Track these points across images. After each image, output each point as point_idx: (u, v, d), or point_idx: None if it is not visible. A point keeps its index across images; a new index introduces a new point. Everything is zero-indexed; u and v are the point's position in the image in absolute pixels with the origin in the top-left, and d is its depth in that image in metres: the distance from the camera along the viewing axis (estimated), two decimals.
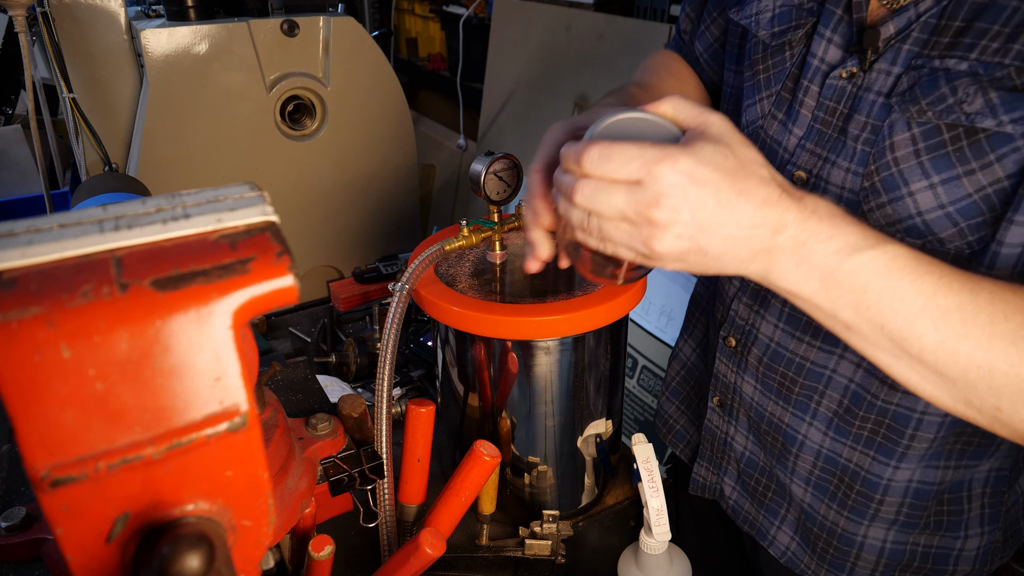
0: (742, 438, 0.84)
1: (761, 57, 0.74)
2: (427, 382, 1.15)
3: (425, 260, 0.78)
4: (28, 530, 0.50)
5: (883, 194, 0.63)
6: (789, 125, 0.71)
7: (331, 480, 0.62)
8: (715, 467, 0.90)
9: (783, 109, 0.72)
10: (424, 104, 3.14)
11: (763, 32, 0.73)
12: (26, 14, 1.38)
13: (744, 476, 0.86)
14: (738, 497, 0.88)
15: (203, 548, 0.31)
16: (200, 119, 1.56)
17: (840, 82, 0.66)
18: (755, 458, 0.84)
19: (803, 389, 0.75)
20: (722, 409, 0.86)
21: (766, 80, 0.74)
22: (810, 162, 0.69)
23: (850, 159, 0.65)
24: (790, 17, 0.71)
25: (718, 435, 0.87)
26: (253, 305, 0.31)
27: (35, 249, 0.29)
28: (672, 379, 1.01)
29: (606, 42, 1.96)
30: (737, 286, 0.80)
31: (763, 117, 0.74)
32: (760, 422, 0.80)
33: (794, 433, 0.77)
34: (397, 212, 1.93)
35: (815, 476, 0.77)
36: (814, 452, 0.76)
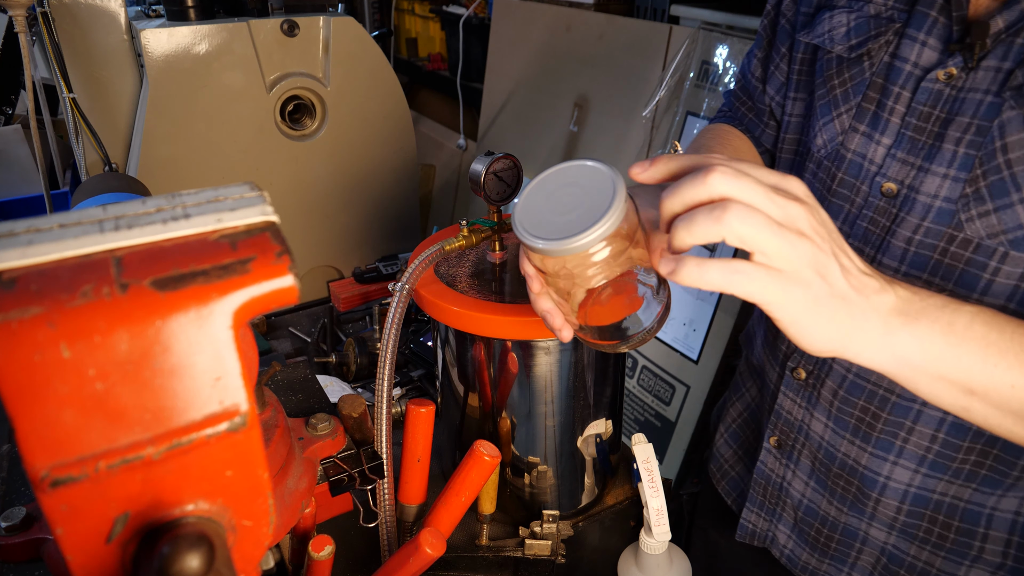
0: (800, 483, 0.79)
1: (836, 72, 0.71)
2: (427, 382, 1.15)
3: (425, 260, 0.78)
4: (28, 530, 0.50)
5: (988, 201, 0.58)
6: (875, 136, 0.68)
7: (331, 480, 0.62)
8: (767, 513, 0.85)
9: (865, 120, 0.69)
10: (424, 104, 3.14)
11: (839, 47, 0.70)
12: (26, 14, 1.38)
13: (802, 524, 0.81)
14: (794, 546, 0.82)
15: (203, 548, 0.31)
16: (200, 119, 1.56)
17: (937, 85, 0.62)
18: (815, 505, 0.78)
19: (887, 425, 0.69)
20: (780, 451, 0.81)
21: (843, 94, 0.71)
22: (901, 172, 0.65)
23: (948, 164, 0.61)
24: (868, 28, 0.68)
25: (773, 479, 0.82)
26: (253, 305, 0.31)
27: (35, 249, 0.29)
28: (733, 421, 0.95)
29: (606, 42, 1.96)
30: None
31: (843, 133, 0.71)
32: (830, 464, 0.75)
33: (874, 476, 0.71)
34: (397, 212, 1.93)
35: (901, 521, 0.72)
36: (899, 494, 0.71)
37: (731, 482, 0.94)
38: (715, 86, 1.69)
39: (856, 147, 0.69)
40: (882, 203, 0.67)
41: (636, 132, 1.88)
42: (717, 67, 1.69)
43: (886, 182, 0.66)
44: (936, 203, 0.62)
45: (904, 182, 0.65)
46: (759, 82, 0.86)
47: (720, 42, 1.68)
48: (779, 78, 0.83)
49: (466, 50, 2.52)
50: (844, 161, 0.71)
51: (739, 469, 0.93)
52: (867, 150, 0.68)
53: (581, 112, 2.06)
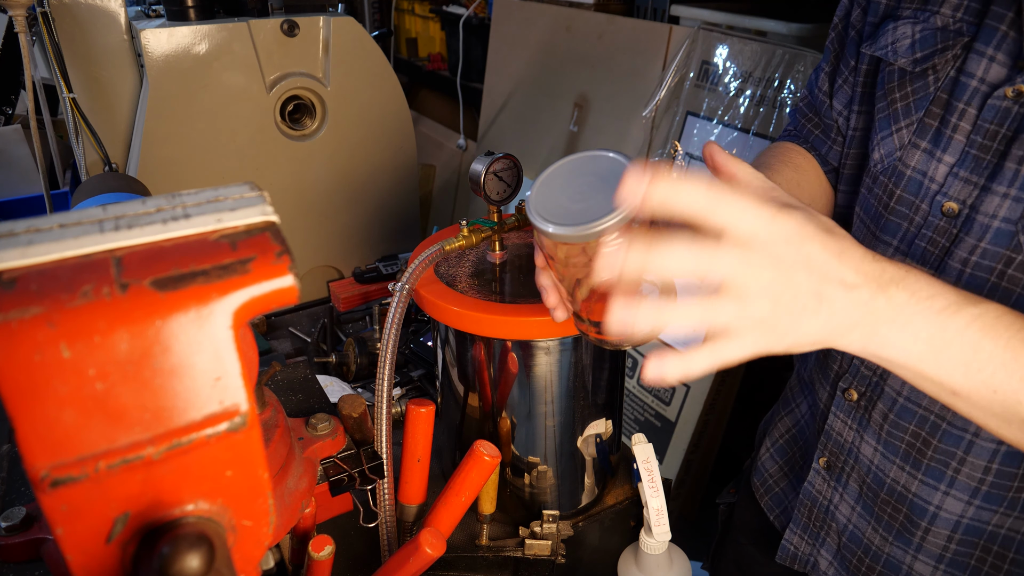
0: (847, 508, 0.77)
1: (898, 85, 0.69)
2: (427, 382, 1.15)
3: (425, 260, 0.78)
4: (28, 530, 0.50)
5: None
6: (937, 153, 0.65)
7: (331, 480, 0.62)
8: (811, 537, 0.82)
9: (927, 137, 0.66)
10: (424, 104, 3.14)
11: (903, 60, 0.68)
12: (26, 14, 1.38)
13: (845, 551, 0.78)
14: (835, 573, 0.81)
15: (203, 548, 0.31)
16: (200, 119, 1.56)
17: (1005, 102, 0.60)
18: (859, 532, 0.76)
19: (937, 453, 0.67)
20: (829, 472, 0.78)
21: (904, 108, 0.68)
22: (963, 191, 0.63)
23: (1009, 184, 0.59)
24: (934, 40, 0.66)
25: (819, 501, 0.80)
26: (253, 305, 0.31)
27: (35, 249, 0.29)
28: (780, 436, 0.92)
29: (606, 42, 1.96)
30: None
31: (901, 148, 0.69)
32: (879, 490, 0.73)
33: (924, 504, 0.69)
34: (397, 212, 1.93)
35: (951, 551, 0.69)
36: (951, 524, 0.68)
37: (775, 498, 0.92)
38: (715, 86, 1.69)
39: (916, 164, 0.67)
40: (942, 223, 0.65)
41: (636, 132, 1.88)
42: (717, 67, 1.69)
43: (947, 202, 0.64)
44: (995, 223, 0.61)
45: (966, 202, 0.63)
46: (826, 97, 0.83)
47: (720, 42, 1.68)
48: (847, 92, 0.80)
49: (466, 50, 2.52)
50: (903, 178, 0.69)
51: (783, 486, 0.91)
52: (928, 167, 0.66)
53: (581, 112, 2.06)
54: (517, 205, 0.88)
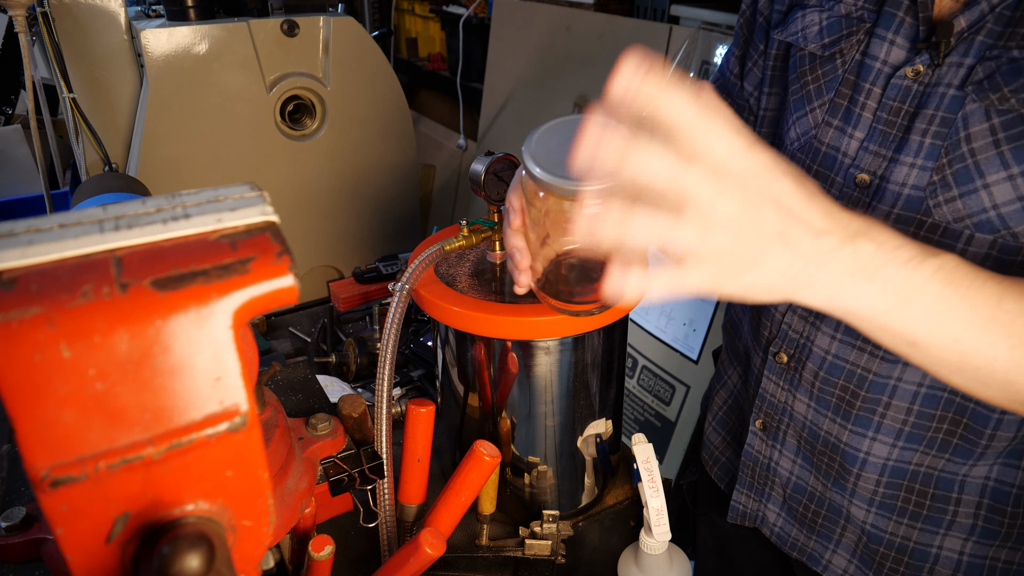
0: (788, 462, 0.82)
1: (809, 69, 0.74)
2: (427, 382, 1.15)
3: (425, 260, 0.78)
4: (28, 530, 0.50)
5: (954, 187, 0.62)
6: (848, 130, 0.71)
7: (331, 480, 0.62)
8: (757, 494, 0.87)
9: (838, 115, 0.72)
10: (424, 104, 3.14)
11: (812, 45, 0.73)
12: (26, 14, 1.38)
13: (791, 501, 0.84)
14: (784, 524, 0.85)
15: (203, 548, 0.31)
16: (200, 119, 1.56)
17: (906, 81, 0.66)
18: (803, 482, 0.81)
19: (865, 403, 0.72)
20: (765, 432, 0.83)
21: (816, 90, 0.73)
22: (873, 163, 0.68)
23: (915, 155, 0.65)
24: (840, 27, 0.71)
25: (760, 460, 0.85)
26: (253, 305, 0.31)
27: (35, 249, 0.29)
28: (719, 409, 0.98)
29: (606, 42, 1.96)
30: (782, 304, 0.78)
31: (816, 127, 0.74)
32: (815, 442, 0.78)
33: (855, 452, 0.74)
34: (397, 212, 1.93)
35: (880, 495, 0.74)
36: (878, 468, 0.73)
37: (722, 467, 0.97)
38: None
39: (830, 140, 0.73)
40: (856, 193, 0.70)
41: None
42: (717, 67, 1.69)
43: (859, 173, 0.70)
44: (905, 191, 0.66)
45: (876, 173, 0.68)
46: (737, 79, 0.89)
47: (720, 42, 1.68)
48: (756, 74, 0.85)
49: (466, 50, 2.52)
50: (819, 154, 0.74)
51: (728, 454, 0.96)
52: (841, 143, 0.71)
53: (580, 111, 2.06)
54: None
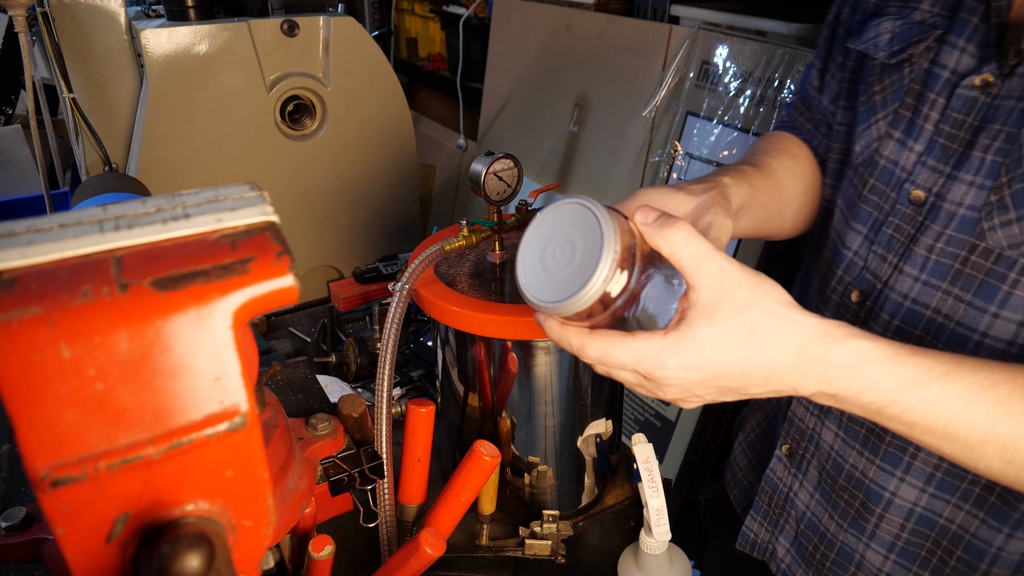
0: (806, 495, 0.78)
1: (878, 78, 0.71)
2: (427, 382, 1.15)
3: (425, 260, 0.78)
4: (28, 530, 0.50)
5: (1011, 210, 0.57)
6: (908, 143, 0.67)
7: (331, 480, 0.62)
8: (770, 524, 0.83)
9: (900, 127, 0.68)
10: (424, 104, 3.14)
11: (881, 53, 0.70)
12: (26, 14, 1.38)
13: (802, 538, 0.79)
14: (791, 561, 0.81)
15: (203, 548, 0.31)
16: (200, 119, 1.56)
17: (972, 92, 0.61)
18: (816, 519, 0.77)
19: (895, 438, 0.68)
20: (790, 459, 0.79)
21: (882, 101, 0.70)
22: (930, 179, 0.64)
23: (975, 172, 0.60)
24: (910, 34, 0.68)
25: (780, 488, 0.81)
26: (253, 305, 0.31)
27: (35, 249, 0.29)
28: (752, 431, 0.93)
29: (606, 42, 1.96)
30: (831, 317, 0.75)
31: (879, 139, 0.70)
32: (837, 476, 0.74)
33: (879, 490, 0.69)
34: (397, 212, 1.92)
35: (902, 541, 0.70)
36: (904, 512, 0.69)
37: (742, 491, 0.93)
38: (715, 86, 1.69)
39: (889, 154, 0.69)
40: (909, 210, 0.66)
41: (636, 132, 1.88)
42: (717, 67, 1.69)
43: (914, 189, 0.65)
44: (960, 211, 0.61)
45: (932, 190, 0.64)
46: (816, 92, 0.85)
47: (720, 42, 1.68)
48: (834, 87, 0.81)
49: (466, 50, 2.52)
50: (877, 167, 0.70)
51: (751, 478, 0.92)
52: (900, 157, 0.67)
53: (581, 112, 2.06)
54: (517, 205, 0.88)
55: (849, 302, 0.71)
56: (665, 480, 0.78)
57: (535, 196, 0.91)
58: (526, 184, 1.15)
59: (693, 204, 0.61)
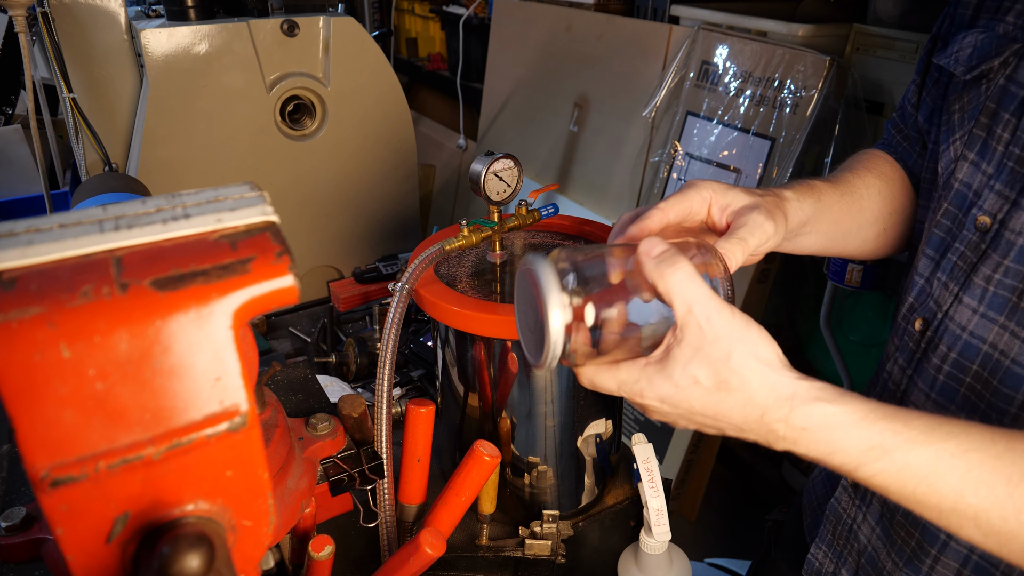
0: (868, 528, 0.74)
1: (958, 96, 0.67)
2: (427, 382, 1.15)
3: (425, 260, 0.78)
4: (28, 530, 0.50)
5: None
6: (982, 165, 0.63)
7: (331, 480, 0.62)
8: (834, 554, 0.80)
9: (975, 148, 0.64)
10: (424, 104, 3.14)
11: (960, 68, 0.66)
12: (26, 14, 1.38)
13: (862, 572, 0.76)
14: None
15: (203, 548, 0.31)
16: (200, 119, 1.56)
17: None
18: (876, 555, 0.73)
19: None
20: (855, 490, 0.76)
21: (960, 119, 0.66)
22: (996, 205, 0.61)
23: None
24: (990, 47, 0.64)
25: (843, 519, 0.78)
26: (253, 305, 0.31)
27: (35, 249, 0.29)
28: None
29: (606, 42, 1.96)
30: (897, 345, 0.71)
31: (955, 160, 0.66)
32: (896, 511, 0.70)
33: (936, 531, 0.65)
34: (397, 212, 1.92)
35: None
36: (960, 558, 0.64)
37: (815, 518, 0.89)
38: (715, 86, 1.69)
39: (963, 176, 0.65)
40: (974, 238, 0.63)
41: (636, 132, 1.88)
42: (717, 67, 1.69)
43: (981, 215, 0.62)
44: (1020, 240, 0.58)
45: (996, 216, 0.61)
46: (914, 109, 0.81)
47: (720, 42, 1.68)
48: (929, 104, 0.78)
49: (466, 50, 2.52)
50: (952, 190, 0.66)
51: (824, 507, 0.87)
52: (973, 180, 0.64)
53: (581, 112, 2.06)
54: (517, 205, 0.88)
55: (913, 330, 0.69)
56: (665, 480, 0.78)
57: (535, 196, 0.91)
58: (526, 184, 1.15)
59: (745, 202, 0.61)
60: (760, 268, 1.66)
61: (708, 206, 0.61)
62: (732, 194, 0.61)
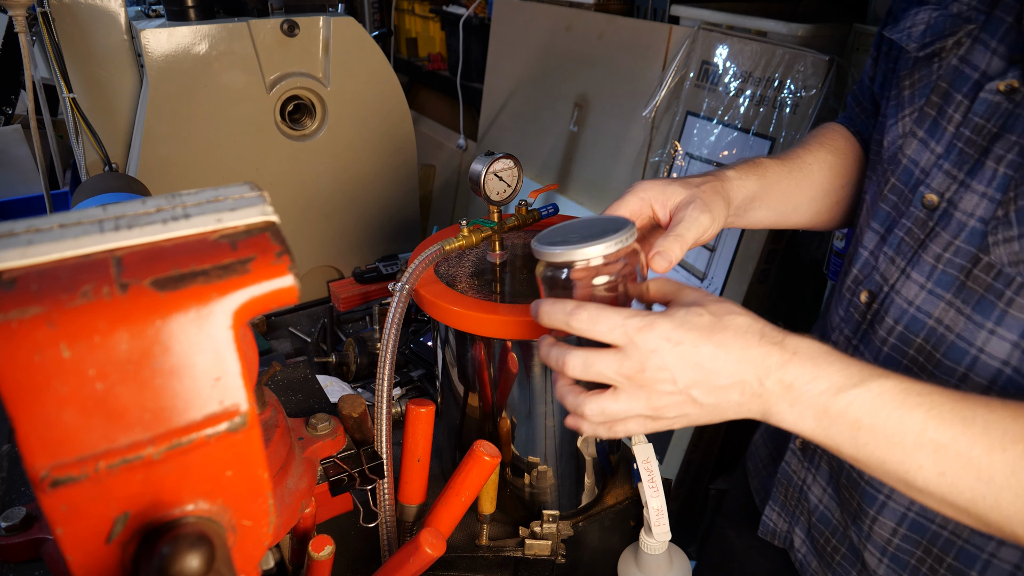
0: (819, 489, 0.77)
1: (909, 72, 0.69)
2: (427, 382, 1.15)
3: (425, 260, 0.78)
4: (28, 530, 0.50)
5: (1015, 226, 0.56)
6: (930, 143, 0.65)
7: (331, 480, 0.62)
8: (788, 515, 0.83)
9: (924, 126, 0.66)
10: (424, 104, 3.14)
11: (913, 45, 0.68)
12: (26, 14, 1.38)
13: (814, 531, 0.79)
14: (807, 552, 0.81)
15: (203, 548, 0.31)
16: (200, 119, 1.56)
17: (995, 97, 0.59)
18: (829, 514, 0.76)
19: None
20: (803, 453, 0.79)
21: (910, 96, 0.68)
22: (944, 184, 0.62)
23: (987, 183, 0.59)
24: (944, 26, 0.65)
25: (794, 481, 0.81)
26: (253, 305, 0.31)
27: (35, 249, 0.29)
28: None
29: (606, 42, 1.96)
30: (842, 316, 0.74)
31: (903, 136, 0.68)
32: (840, 474, 0.73)
33: (874, 493, 0.68)
34: (397, 212, 1.92)
35: (893, 546, 0.68)
36: (897, 516, 0.67)
37: (762, 481, 0.92)
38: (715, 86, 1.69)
39: (911, 153, 0.67)
40: (921, 214, 0.64)
41: (636, 132, 1.88)
42: (717, 67, 1.69)
43: (928, 193, 0.64)
44: (970, 222, 0.60)
45: (944, 195, 0.62)
46: (871, 82, 0.83)
47: (720, 42, 1.68)
48: (880, 77, 0.80)
49: (466, 50, 2.52)
50: (899, 166, 0.68)
51: (771, 470, 0.91)
52: (920, 157, 0.66)
53: (581, 112, 2.06)
54: (517, 205, 0.88)
55: (858, 302, 0.71)
56: (665, 480, 0.78)
57: (535, 196, 0.91)
58: (526, 184, 1.15)
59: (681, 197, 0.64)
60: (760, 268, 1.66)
61: (650, 205, 0.65)
62: (671, 190, 0.64)
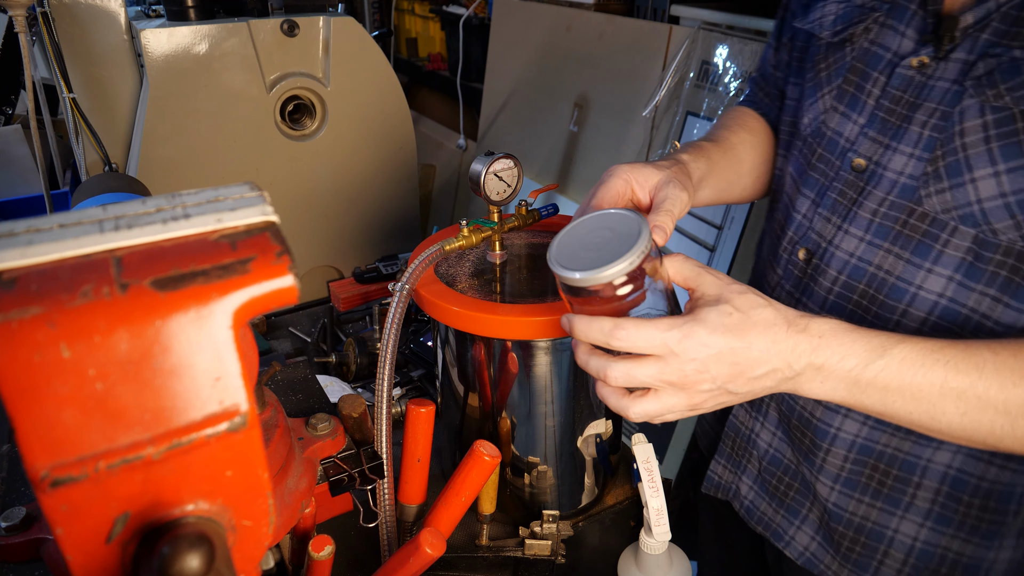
0: (768, 434, 0.84)
1: (823, 56, 0.78)
2: (427, 382, 1.15)
3: (425, 260, 0.78)
4: (28, 530, 0.50)
5: (945, 179, 0.65)
6: (852, 116, 0.74)
7: (331, 480, 0.62)
8: (734, 465, 0.90)
9: (844, 101, 0.75)
10: (424, 104, 3.14)
11: (826, 33, 0.77)
12: (26, 14, 1.38)
13: (765, 474, 0.86)
14: (755, 497, 0.87)
15: (203, 548, 0.31)
16: (200, 119, 1.56)
17: (910, 72, 0.68)
18: (780, 456, 0.83)
19: None
20: (750, 404, 0.86)
21: (827, 77, 0.77)
22: (870, 149, 0.71)
23: (914, 145, 0.68)
24: (852, 16, 0.75)
25: (742, 431, 0.87)
26: (253, 305, 0.31)
27: (35, 249, 0.29)
28: None
29: (606, 42, 1.96)
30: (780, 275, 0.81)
31: (825, 112, 0.77)
32: (791, 416, 0.80)
33: (826, 428, 0.76)
34: (397, 212, 1.92)
35: (846, 471, 0.77)
36: (847, 444, 0.76)
37: (711, 440, 0.99)
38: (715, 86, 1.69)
39: (835, 125, 0.76)
40: (851, 176, 0.73)
41: (636, 132, 1.88)
42: (717, 67, 1.69)
43: (856, 158, 0.73)
44: (901, 179, 0.69)
45: (872, 158, 0.71)
46: (773, 68, 0.93)
47: (720, 42, 1.68)
48: (784, 65, 0.90)
49: (466, 50, 2.52)
50: (824, 138, 0.77)
51: (718, 428, 0.98)
52: (844, 128, 0.75)
53: (581, 112, 2.06)
54: (517, 205, 0.88)
55: (797, 259, 0.79)
56: (665, 480, 0.78)
57: (535, 196, 0.91)
58: (526, 184, 1.15)
59: (658, 177, 0.69)
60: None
61: (630, 187, 0.70)
62: (647, 171, 0.70)
